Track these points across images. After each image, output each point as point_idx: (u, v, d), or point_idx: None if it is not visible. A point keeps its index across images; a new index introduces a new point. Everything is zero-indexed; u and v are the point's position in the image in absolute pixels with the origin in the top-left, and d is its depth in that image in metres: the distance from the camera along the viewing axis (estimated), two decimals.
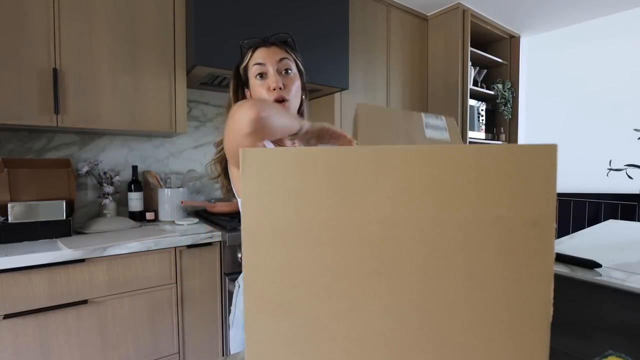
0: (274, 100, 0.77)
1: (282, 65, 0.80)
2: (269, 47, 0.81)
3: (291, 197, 0.34)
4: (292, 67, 0.82)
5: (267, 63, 0.79)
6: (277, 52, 0.80)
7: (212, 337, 1.50)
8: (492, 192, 0.30)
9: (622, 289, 0.88)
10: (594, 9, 2.68)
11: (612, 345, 0.89)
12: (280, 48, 0.82)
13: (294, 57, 0.84)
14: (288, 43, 0.85)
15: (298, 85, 0.82)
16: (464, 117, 2.57)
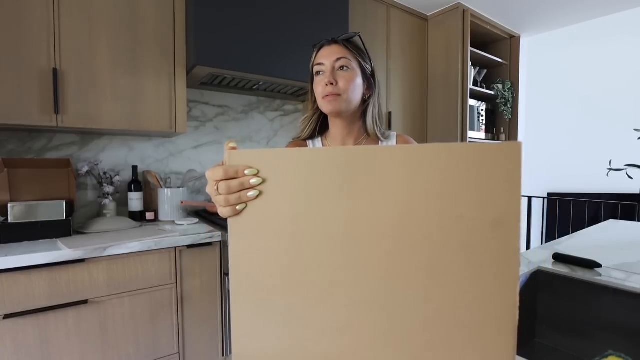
0: (324, 96, 0.81)
1: (339, 63, 0.82)
2: (330, 46, 0.84)
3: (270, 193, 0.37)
4: (350, 64, 0.82)
5: (325, 62, 0.82)
6: (336, 50, 0.82)
7: (212, 337, 1.50)
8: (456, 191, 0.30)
9: (622, 289, 0.88)
10: (594, 9, 2.68)
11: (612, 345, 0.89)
12: (342, 46, 0.83)
13: (357, 55, 0.84)
14: (352, 41, 0.85)
15: (355, 81, 0.82)
16: (464, 117, 2.57)
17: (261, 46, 1.68)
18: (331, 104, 0.81)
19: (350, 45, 0.84)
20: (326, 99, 0.81)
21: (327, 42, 0.85)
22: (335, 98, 0.80)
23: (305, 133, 0.90)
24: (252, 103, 2.20)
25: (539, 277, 1.02)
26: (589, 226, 1.69)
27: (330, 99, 0.81)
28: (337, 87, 0.80)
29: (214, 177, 0.41)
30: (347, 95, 0.81)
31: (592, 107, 3.49)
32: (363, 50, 0.87)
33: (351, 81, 0.82)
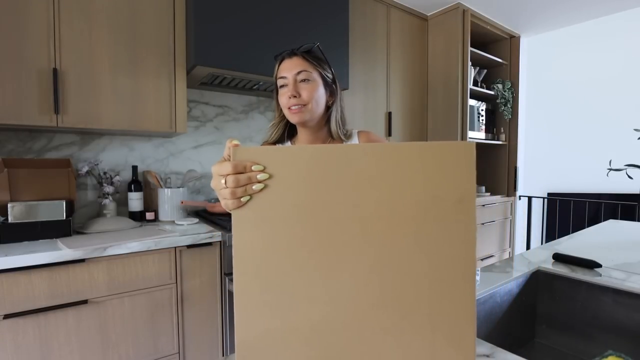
0: (288, 107, 0.86)
1: (301, 75, 0.86)
2: (291, 59, 0.88)
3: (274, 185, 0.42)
4: (311, 76, 0.87)
5: (288, 74, 0.87)
6: (297, 63, 0.87)
7: (212, 337, 1.50)
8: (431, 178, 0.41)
9: (622, 289, 0.88)
10: (594, 9, 2.68)
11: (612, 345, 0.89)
12: (302, 59, 0.88)
13: (318, 67, 0.88)
14: (312, 52, 0.90)
15: (318, 92, 0.87)
16: (464, 117, 2.57)
17: (261, 46, 1.68)
18: (296, 115, 0.86)
19: (310, 57, 0.88)
20: (291, 111, 0.87)
21: (288, 55, 0.89)
22: (300, 109, 0.86)
23: (274, 137, 0.96)
24: (252, 103, 2.20)
25: (539, 277, 1.02)
26: (589, 226, 1.69)
27: (295, 111, 0.86)
28: (300, 99, 0.85)
29: (221, 171, 0.44)
30: (310, 106, 0.86)
31: (592, 107, 3.49)
32: (323, 59, 0.91)
33: (313, 92, 0.86)
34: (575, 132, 3.60)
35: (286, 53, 0.90)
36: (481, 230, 2.82)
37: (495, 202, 2.91)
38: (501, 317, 0.91)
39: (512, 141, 2.98)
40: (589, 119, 3.51)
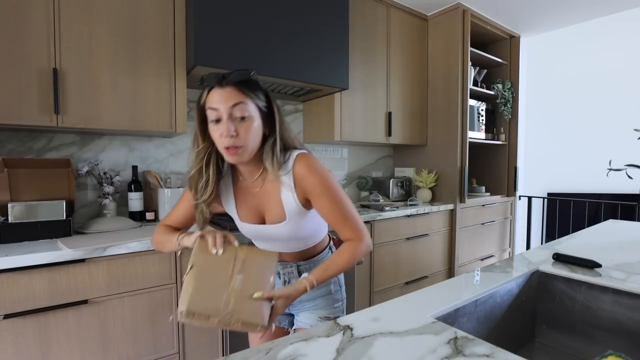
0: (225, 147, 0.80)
1: (236, 110, 0.79)
2: (223, 88, 0.79)
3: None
4: (248, 111, 0.80)
5: (221, 107, 0.79)
6: (231, 95, 0.78)
7: (212, 337, 1.50)
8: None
9: (622, 289, 0.88)
10: (594, 9, 2.68)
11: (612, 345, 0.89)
12: (237, 89, 0.79)
13: (253, 97, 0.81)
14: (247, 82, 0.82)
15: (255, 128, 0.82)
16: (464, 117, 2.57)
17: (261, 46, 1.68)
18: (234, 157, 0.81)
19: (244, 87, 0.80)
20: (228, 153, 0.80)
21: (219, 84, 0.80)
22: (237, 151, 0.80)
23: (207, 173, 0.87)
24: None
25: (539, 277, 1.02)
26: (589, 226, 1.69)
27: (232, 152, 0.80)
28: (238, 139, 0.79)
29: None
30: (248, 146, 0.81)
31: (592, 107, 3.49)
32: (257, 87, 0.84)
33: (250, 130, 0.80)
34: (575, 132, 3.61)
35: (216, 80, 0.80)
36: (481, 230, 2.82)
37: (495, 202, 2.91)
38: (501, 317, 0.91)
39: (512, 141, 2.98)
40: (589, 119, 3.51)
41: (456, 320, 0.78)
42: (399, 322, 0.66)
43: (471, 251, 2.75)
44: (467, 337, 0.61)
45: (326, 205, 0.86)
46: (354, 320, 0.66)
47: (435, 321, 0.68)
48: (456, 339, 0.60)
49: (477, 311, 0.84)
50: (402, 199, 2.65)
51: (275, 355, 0.54)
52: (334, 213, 0.87)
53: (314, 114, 2.35)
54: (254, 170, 0.90)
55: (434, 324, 0.66)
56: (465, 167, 2.57)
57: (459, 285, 0.90)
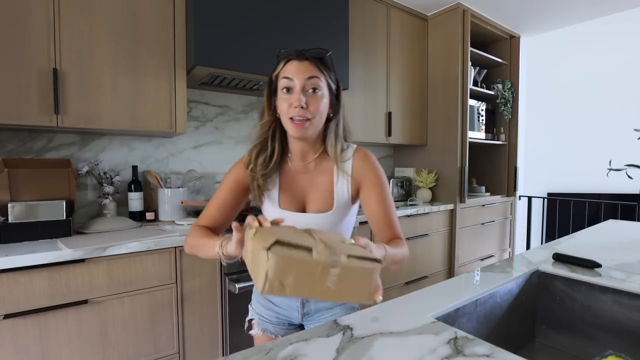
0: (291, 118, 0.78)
1: (310, 83, 0.79)
2: (301, 62, 0.80)
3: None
4: (321, 86, 0.80)
5: (295, 78, 0.78)
6: (308, 68, 0.79)
7: (212, 337, 1.50)
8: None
9: (622, 289, 0.88)
10: (594, 9, 2.68)
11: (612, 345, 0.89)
12: (313, 65, 0.80)
13: (327, 76, 0.82)
14: (324, 60, 0.83)
15: (324, 104, 0.81)
16: (464, 117, 2.57)
17: (261, 46, 1.68)
18: (299, 130, 0.78)
19: (320, 64, 0.81)
20: (294, 123, 0.78)
21: (297, 57, 0.81)
22: (304, 124, 0.78)
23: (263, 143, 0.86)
24: (252, 103, 2.20)
25: (539, 277, 1.02)
26: (589, 226, 1.69)
27: (299, 125, 0.78)
28: (307, 111, 0.77)
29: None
30: (315, 120, 0.79)
31: (592, 107, 3.49)
32: (331, 68, 0.84)
33: (320, 103, 0.80)
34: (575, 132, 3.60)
35: (295, 53, 0.81)
36: (481, 230, 2.82)
37: (495, 202, 2.91)
38: (501, 317, 0.91)
39: (512, 141, 2.98)
40: (589, 119, 3.51)
41: (456, 320, 0.78)
42: (399, 322, 0.66)
43: (471, 251, 2.75)
44: (467, 337, 0.61)
45: (379, 198, 0.85)
46: (354, 320, 0.66)
47: (435, 321, 0.68)
48: (456, 339, 0.60)
49: (477, 311, 0.84)
50: (402, 199, 2.65)
51: (275, 355, 0.54)
52: (383, 209, 0.84)
53: None
54: (310, 151, 0.87)
55: (434, 324, 0.66)
56: (465, 167, 2.57)
57: (459, 285, 0.90)
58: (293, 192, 0.89)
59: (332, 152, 0.85)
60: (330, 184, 0.87)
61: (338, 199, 0.86)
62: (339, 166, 0.85)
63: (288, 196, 0.89)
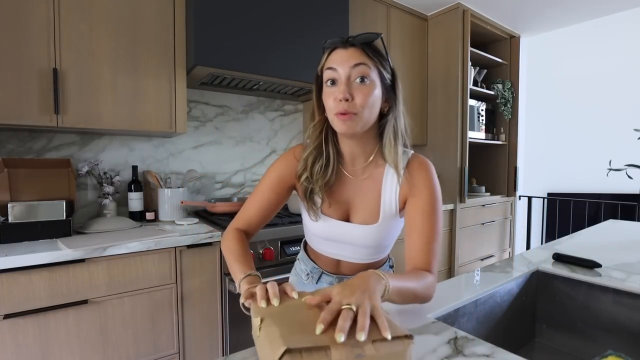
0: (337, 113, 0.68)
1: (357, 71, 0.68)
2: (346, 49, 0.70)
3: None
4: (369, 74, 0.69)
5: (340, 68, 0.69)
6: (354, 55, 0.69)
7: (212, 337, 1.50)
8: None
9: (622, 289, 0.88)
10: (593, 9, 2.68)
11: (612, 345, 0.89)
12: (360, 51, 0.70)
13: (377, 62, 0.71)
14: (373, 46, 0.72)
15: (375, 95, 0.70)
16: (464, 117, 2.57)
17: (261, 46, 1.68)
18: (345, 124, 0.69)
19: (369, 50, 0.70)
20: (339, 118, 0.69)
21: (342, 44, 0.71)
22: (351, 117, 0.68)
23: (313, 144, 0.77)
24: (252, 103, 2.20)
25: (539, 277, 1.02)
26: (589, 226, 1.69)
27: (344, 119, 0.68)
28: (353, 104, 0.68)
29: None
30: (363, 114, 0.69)
31: (592, 107, 3.49)
32: (384, 54, 0.73)
33: (369, 96, 0.69)
34: (575, 132, 3.61)
35: (339, 41, 0.71)
36: (481, 230, 2.82)
37: (495, 202, 2.91)
38: (501, 317, 0.91)
39: (512, 141, 2.98)
40: (589, 119, 3.51)
41: (456, 320, 0.78)
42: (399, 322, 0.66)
43: (471, 251, 2.75)
44: (467, 337, 0.61)
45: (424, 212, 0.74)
46: None
47: (435, 321, 0.68)
48: (456, 339, 0.60)
49: (477, 311, 0.84)
50: None
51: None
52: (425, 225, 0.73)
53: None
54: (360, 155, 0.78)
55: (434, 324, 0.66)
56: (465, 167, 2.57)
57: (459, 285, 0.90)
58: (337, 198, 0.80)
59: (390, 154, 0.74)
60: (377, 192, 0.78)
61: (385, 210, 0.78)
62: (399, 171, 0.74)
63: (332, 202, 0.80)
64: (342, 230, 0.80)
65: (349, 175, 0.80)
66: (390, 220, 0.79)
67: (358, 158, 0.79)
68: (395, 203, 0.78)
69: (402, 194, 0.77)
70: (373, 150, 0.78)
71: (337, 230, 0.80)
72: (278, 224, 1.63)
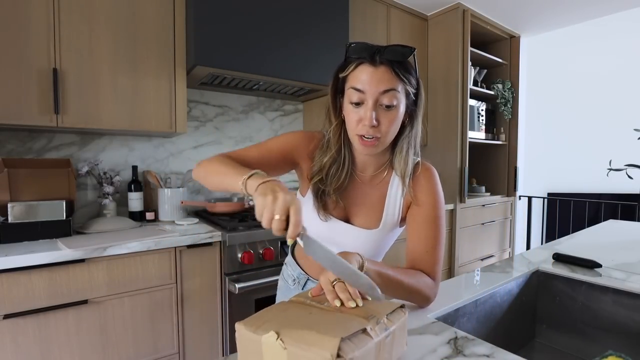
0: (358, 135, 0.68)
1: (386, 98, 0.66)
2: (376, 68, 0.66)
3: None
4: (397, 99, 0.66)
5: (368, 92, 0.66)
6: (383, 78, 0.65)
7: (212, 337, 1.50)
8: None
9: (622, 289, 0.88)
10: (594, 9, 2.68)
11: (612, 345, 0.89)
12: (391, 71, 0.66)
13: (407, 83, 0.68)
14: (405, 64, 0.69)
15: (399, 118, 0.69)
16: (464, 117, 2.57)
17: (261, 46, 1.68)
18: (368, 149, 0.69)
19: (400, 70, 0.67)
20: (362, 142, 0.68)
21: (371, 59, 0.66)
22: (373, 142, 0.68)
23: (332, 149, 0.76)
24: (252, 103, 2.20)
25: (539, 277, 1.02)
26: (589, 226, 1.69)
27: (367, 144, 0.68)
28: (378, 130, 0.67)
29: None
30: (386, 139, 0.69)
31: (592, 107, 3.50)
32: (413, 71, 0.70)
33: (395, 121, 0.68)
34: (575, 132, 3.61)
35: (368, 55, 0.66)
36: (481, 230, 2.82)
37: (495, 202, 2.91)
38: (501, 317, 0.91)
39: (512, 141, 2.98)
40: (589, 119, 3.51)
41: (456, 320, 0.78)
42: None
43: (471, 251, 2.75)
44: (467, 337, 0.61)
45: (428, 218, 0.73)
46: None
47: (435, 321, 0.68)
48: (456, 339, 0.60)
49: (477, 311, 0.84)
50: None
51: None
52: (429, 232, 0.73)
53: (314, 114, 2.35)
54: (374, 163, 0.78)
55: (434, 324, 0.66)
56: (465, 167, 2.57)
57: (459, 285, 0.90)
58: (340, 197, 0.79)
59: (399, 164, 0.74)
60: (382, 199, 0.78)
61: (386, 217, 0.78)
62: (405, 181, 0.75)
63: (335, 200, 0.79)
64: (340, 230, 0.79)
65: (357, 179, 0.80)
66: (389, 229, 0.79)
67: (369, 167, 0.79)
68: (399, 212, 0.78)
69: (405, 203, 0.78)
70: (385, 161, 0.79)
71: (336, 230, 0.80)
72: None
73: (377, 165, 0.79)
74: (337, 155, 0.76)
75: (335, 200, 0.78)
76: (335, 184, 0.77)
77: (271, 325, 0.46)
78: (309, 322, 0.47)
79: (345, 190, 0.79)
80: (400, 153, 0.74)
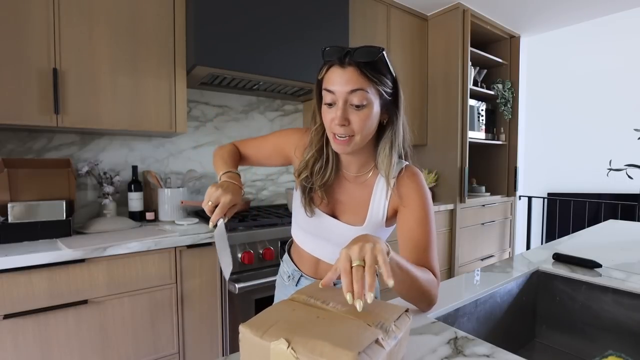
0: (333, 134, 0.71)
1: (354, 97, 0.68)
2: (343, 69, 0.68)
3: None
4: (367, 98, 0.68)
5: (337, 92, 0.68)
6: (351, 79, 0.67)
7: (212, 337, 1.50)
8: None
9: (622, 289, 0.88)
10: (594, 9, 2.68)
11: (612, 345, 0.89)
12: (358, 72, 0.68)
13: (376, 82, 0.69)
14: (373, 64, 0.69)
15: (372, 116, 0.70)
16: (464, 117, 2.57)
17: (261, 46, 1.68)
18: (341, 147, 0.72)
19: (368, 70, 0.68)
20: (335, 140, 0.71)
21: (340, 62, 0.69)
22: (346, 141, 0.70)
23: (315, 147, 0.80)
24: (252, 103, 2.20)
25: (539, 277, 1.02)
26: (589, 226, 1.69)
27: (340, 142, 0.71)
28: (349, 128, 0.69)
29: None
30: (359, 137, 0.71)
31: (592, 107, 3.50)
32: (384, 71, 0.71)
33: (366, 120, 0.69)
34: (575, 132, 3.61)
35: (337, 58, 0.69)
36: (481, 230, 2.82)
37: (495, 202, 2.91)
38: (501, 317, 0.91)
39: (512, 141, 2.98)
40: (589, 119, 3.51)
41: (456, 320, 0.78)
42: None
43: (471, 251, 2.75)
44: (467, 337, 0.61)
45: (418, 219, 0.74)
46: None
47: (435, 321, 0.68)
48: (456, 339, 0.60)
49: (477, 311, 0.84)
50: None
51: None
52: (421, 232, 0.74)
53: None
54: (357, 162, 0.80)
55: (434, 324, 0.66)
56: (465, 167, 2.57)
57: (459, 285, 0.90)
58: (329, 195, 0.83)
59: (382, 163, 0.75)
60: (367, 198, 0.80)
61: (371, 216, 0.79)
62: (389, 182, 0.75)
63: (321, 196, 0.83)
64: (330, 226, 0.83)
65: (343, 177, 0.84)
66: (375, 227, 0.80)
67: (352, 165, 0.81)
68: (383, 212, 0.79)
69: (391, 204, 0.79)
70: (368, 159, 0.80)
71: (323, 224, 0.83)
72: (278, 224, 1.63)
73: (359, 164, 0.80)
74: (318, 154, 0.80)
75: (321, 196, 0.82)
76: (321, 180, 0.81)
77: (278, 330, 0.44)
78: (319, 329, 0.45)
79: (331, 187, 0.83)
80: (382, 153, 0.76)
